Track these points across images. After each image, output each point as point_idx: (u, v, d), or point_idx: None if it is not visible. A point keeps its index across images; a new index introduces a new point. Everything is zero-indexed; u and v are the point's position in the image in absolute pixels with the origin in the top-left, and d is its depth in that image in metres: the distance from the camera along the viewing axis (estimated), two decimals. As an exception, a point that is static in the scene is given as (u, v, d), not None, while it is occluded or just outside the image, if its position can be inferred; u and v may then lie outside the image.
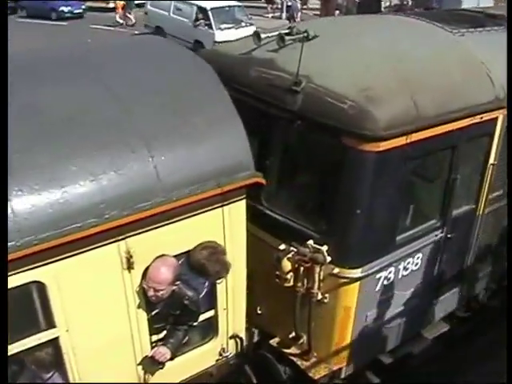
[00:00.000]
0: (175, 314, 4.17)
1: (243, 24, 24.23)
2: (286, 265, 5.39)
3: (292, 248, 5.34)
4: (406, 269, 5.83)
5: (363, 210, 5.01)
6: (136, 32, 27.68)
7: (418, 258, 5.90)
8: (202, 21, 23.97)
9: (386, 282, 5.66)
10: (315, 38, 5.56)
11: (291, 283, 5.45)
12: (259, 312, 6.10)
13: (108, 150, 3.66)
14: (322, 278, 5.27)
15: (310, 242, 5.27)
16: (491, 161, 6.18)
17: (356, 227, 5.11)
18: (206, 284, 4.35)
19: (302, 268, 5.27)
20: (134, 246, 3.79)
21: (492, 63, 5.97)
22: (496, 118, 5.93)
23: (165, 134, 3.89)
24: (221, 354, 4.79)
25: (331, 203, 5.19)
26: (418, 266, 5.97)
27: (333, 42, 5.59)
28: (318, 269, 5.23)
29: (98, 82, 4.09)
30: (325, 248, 5.20)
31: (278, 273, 5.45)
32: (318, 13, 29.65)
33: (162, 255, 3.92)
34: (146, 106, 3.99)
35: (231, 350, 4.85)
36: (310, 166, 5.40)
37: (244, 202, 4.27)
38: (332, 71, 5.13)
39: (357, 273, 5.27)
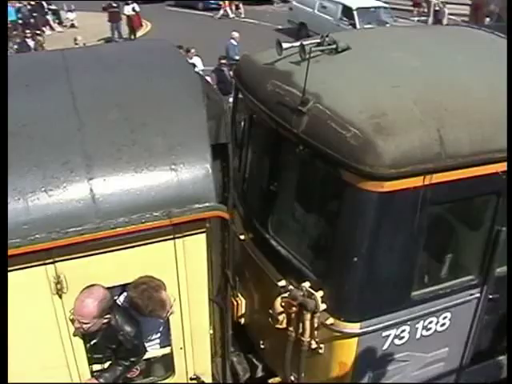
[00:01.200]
0: (112, 348, 3.81)
1: (387, 26, 23.29)
2: (279, 305, 4.78)
3: (290, 287, 4.73)
4: (427, 329, 4.87)
5: (362, 257, 4.20)
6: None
7: (444, 317, 4.91)
8: (345, 20, 23.55)
9: (398, 342, 4.77)
10: (346, 50, 4.83)
11: (283, 325, 4.83)
12: (262, 346, 5.55)
13: (43, 167, 3.35)
14: (316, 325, 4.60)
15: (306, 284, 4.61)
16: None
17: (353, 277, 4.31)
18: (156, 320, 3.94)
19: (293, 311, 4.66)
20: (64, 271, 3.43)
21: None
22: None
23: (111, 155, 3.46)
24: None
25: (329, 245, 4.47)
26: (445, 327, 4.99)
27: (363, 56, 4.78)
28: (308, 316, 4.54)
29: (67, 92, 3.82)
30: (319, 294, 4.51)
31: (270, 311, 4.88)
32: (466, 19, 27.59)
33: (92, 285, 3.56)
34: (102, 121, 3.62)
35: None
36: (310, 197, 4.68)
37: (204, 235, 3.74)
38: (348, 91, 4.35)
39: (354, 328, 4.48)
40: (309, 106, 4.30)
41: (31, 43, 21.11)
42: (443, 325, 4.94)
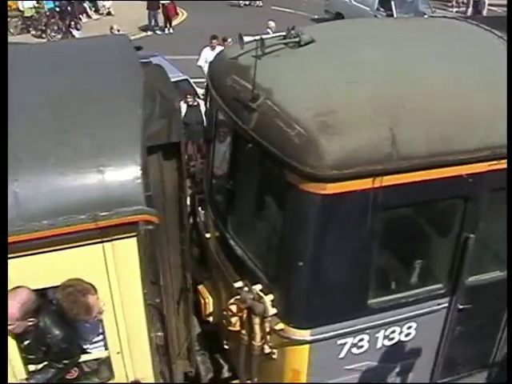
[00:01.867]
0: (42, 350, 3.73)
1: (425, 17, 22.66)
2: (232, 307, 4.62)
3: (245, 288, 4.55)
4: (389, 338, 4.59)
5: (307, 262, 3.95)
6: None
7: (409, 327, 4.61)
8: (383, 10, 22.98)
9: (356, 351, 4.51)
10: (309, 43, 4.57)
11: (237, 328, 4.67)
12: (226, 347, 5.40)
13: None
14: (267, 330, 4.41)
15: (257, 286, 4.42)
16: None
17: (299, 282, 4.07)
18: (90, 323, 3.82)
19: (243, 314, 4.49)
20: (-12, 274, 3.39)
21: None
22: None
23: (38, 155, 3.34)
24: None
25: (277, 248, 4.25)
26: (410, 337, 4.69)
27: (327, 50, 4.49)
28: (257, 320, 4.36)
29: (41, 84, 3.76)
30: (269, 298, 4.31)
31: (224, 313, 4.73)
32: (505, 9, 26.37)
33: (17, 287, 3.47)
34: (32, 121, 3.52)
35: None
36: (261, 198, 4.47)
37: (135, 239, 3.54)
38: (300, 86, 4.09)
39: (304, 335, 4.26)
40: (258, 102, 4.07)
41: (76, 33, 21.32)
42: (408, 335, 4.65)
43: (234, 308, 4.54)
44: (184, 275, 4.78)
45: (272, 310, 4.26)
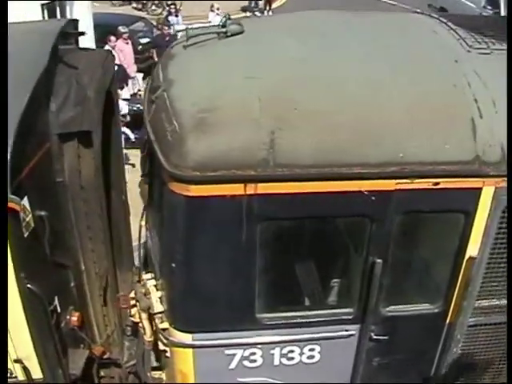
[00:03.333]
0: None
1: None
2: (131, 298, 4.52)
3: (147, 281, 4.42)
4: (288, 358, 4.23)
5: (180, 265, 3.70)
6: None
7: (311, 349, 4.20)
8: (490, 8, 21.44)
9: (249, 364, 4.18)
10: (238, 34, 4.24)
11: (136, 319, 4.56)
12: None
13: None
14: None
15: (152, 282, 4.27)
16: (470, 252, 3.93)
17: (174, 283, 3.81)
18: None
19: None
20: None
21: (491, 107, 3.69)
22: (477, 190, 3.70)
23: None
24: (11, 374, 4.08)
25: (158, 246, 4.04)
26: (314, 360, 4.28)
27: (252, 42, 4.10)
28: (143, 315, 4.22)
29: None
30: (157, 294, 4.15)
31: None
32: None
33: None
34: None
35: (20, 375, 4.11)
36: (156, 193, 4.26)
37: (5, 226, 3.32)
38: (201, 80, 3.80)
39: (186, 338, 4.02)
40: (157, 94, 3.85)
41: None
42: (311, 357, 4.24)
43: (131, 299, 4.44)
44: (112, 263, 4.76)
45: (158, 308, 4.09)
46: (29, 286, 3.68)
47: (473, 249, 3.88)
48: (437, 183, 3.56)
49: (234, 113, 3.48)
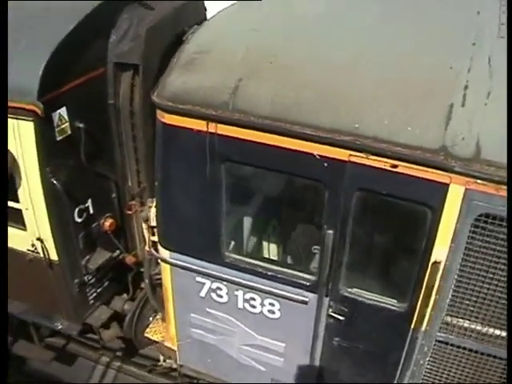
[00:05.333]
0: None
1: None
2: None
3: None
4: (250, 304, 4.39)
5: (160, 185, 4.16)
6: None
7: (271, 304, 4.28)
8: None
9: (216, 298, 4.47)
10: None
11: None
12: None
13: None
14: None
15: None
16: (436, 256, 3.51)
17: (159, 203, 4.29)
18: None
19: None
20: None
21: (482, 98, 3.17)
22: (443, 186, 3.29)
23: None
24: (33, 246, 4.97)
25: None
26: (275, 317, 4.35)
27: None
28: (144, 225, 4.84)
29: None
30: (154, 210, 4.71)
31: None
32: None
33: None
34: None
35: (40, 252, 4.94)
36: None
37: (31, 124, 4.19)
38: (219, 26, 4.06)
39: (166, 255, 4.50)
40: (186, 35, 4.30)
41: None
42: (272, 312, 4.34)
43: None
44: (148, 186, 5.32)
45: (152, 222, 4.66)
46: (53, 180, 4.49)
47: (439, 253, 3.48)
48: (395, 166, 3.30)
49: (218, 57, 3.74)
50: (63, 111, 4.42)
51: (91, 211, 5.10)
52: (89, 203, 5.04)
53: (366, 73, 3.41)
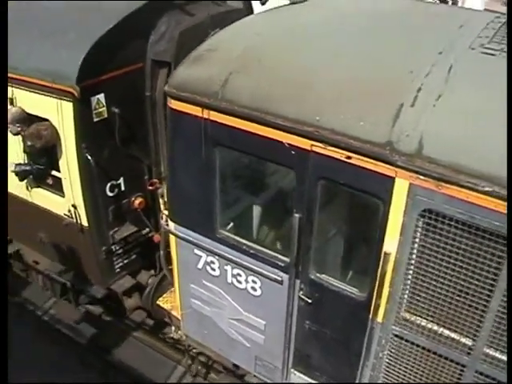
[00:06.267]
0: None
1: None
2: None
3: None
4: (237, 280, 4.82)
5: (169, 164, 4.74)
6: None
7: (254, 281, 4.69)
8: None
9: (211, 271, 4.94)
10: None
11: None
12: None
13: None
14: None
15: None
16: (386, 247, 3.74)
17: (168, 179, 4.84)
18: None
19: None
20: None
21: (431, 100, 3.40)
22: (389, 179, 3.54)
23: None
24: (69, 211, 5.74)
25: None
26: (257, 294, 4.75)
27: (298, 11, 4.67)
28: (161, 200, 5.46)
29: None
30: (166, 186, 5.25)
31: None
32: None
33: (15, 107, 5.25)
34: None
35: (73, 217, 5.72)
36: None
37: (70, 104, 4.99)
38: (234, 29, 4.62)
39: (172, 227, 5.10)
40: (209, 36, 4.91)
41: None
42: (254, 289, 4.74)
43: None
44: None
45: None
46: (87, 155, 5.27)
47: (389, 244, 3.71)
48: (349, 157, 3.62)
49: (220, 55, 4.28)
50: (101, 97, 5.20)
51: (123, 188, 5.83)
52: (121, 181, 5.77)
53: (332, 74, 3.77)
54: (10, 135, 5.26)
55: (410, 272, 3.65)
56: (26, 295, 8.33)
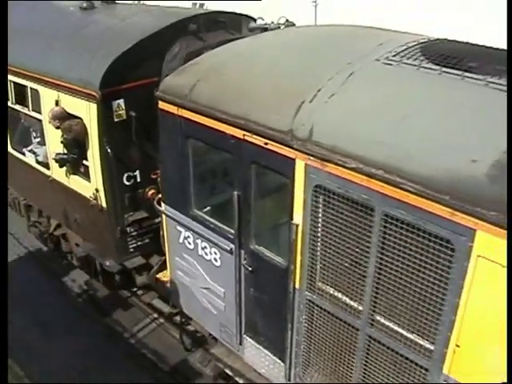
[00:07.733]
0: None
1: None
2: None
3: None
4: (205, 252, 5.80)
5: (160, 156, 5.95)
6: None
7: (215, 252, 5.66)
8: None
9: (188, 245, 5.95)
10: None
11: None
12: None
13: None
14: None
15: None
16: (295, 219, 4.59)
17: (160, 167, 6.05)
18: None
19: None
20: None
21: (325, 98, 4.29)
22: (292, 161, 4.43)
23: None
24: (94, 194, 6.99)
25: None
26: (218, 264, 5.70)
27: (266, 39, 5.86)
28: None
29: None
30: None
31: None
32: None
33: (58, 107, 6.82)
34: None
35: (94, 200, 7.02)
36: None
37: (95, 106, 6.33)
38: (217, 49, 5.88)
39: (163, 207, 6.23)
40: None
41: None
42: (216, 260, 5.68)
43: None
44: None
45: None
46: (107, 147, 6.61)
47: (296, 217, 4.55)
48: (266, 143, 4.60)
49: (195, 68, 5.47)
50: (121, 102, 6.56)
51: (138, 179, 7.08)
52: (137, 173, 7.04)
53: (262, 82, 4.79)
54: (53, 129, 6.81)
55: (319, 244, 4.39)
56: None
